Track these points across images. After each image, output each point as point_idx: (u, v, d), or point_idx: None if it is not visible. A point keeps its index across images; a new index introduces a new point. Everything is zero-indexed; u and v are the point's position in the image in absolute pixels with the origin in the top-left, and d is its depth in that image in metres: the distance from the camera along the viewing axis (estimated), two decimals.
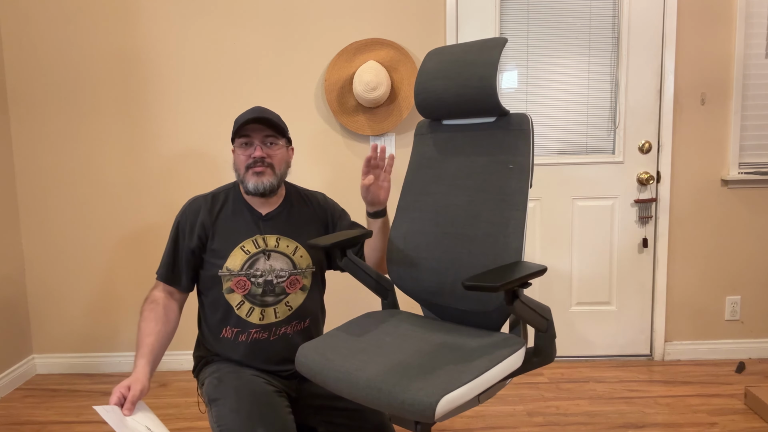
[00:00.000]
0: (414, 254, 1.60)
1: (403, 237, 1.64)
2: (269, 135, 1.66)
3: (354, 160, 2.85)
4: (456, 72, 1.53)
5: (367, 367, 1.26)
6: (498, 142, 1.51)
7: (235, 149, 1.68)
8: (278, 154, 1.68)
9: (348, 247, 1.64)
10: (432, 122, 1.69)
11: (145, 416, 1.40)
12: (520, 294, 1.26)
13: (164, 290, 1.68)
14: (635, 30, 2.79)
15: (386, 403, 1.17)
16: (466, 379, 1.17)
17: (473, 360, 1.24)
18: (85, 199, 2.87)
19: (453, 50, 1.58)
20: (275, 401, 1.52)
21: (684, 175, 2.86)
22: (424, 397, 1.12)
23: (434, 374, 1.19)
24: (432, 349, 1.32)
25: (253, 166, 1.63)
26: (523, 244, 1.41)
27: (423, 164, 1.66)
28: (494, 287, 1.16)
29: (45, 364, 2.96)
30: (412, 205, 1.64)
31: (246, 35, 2.78)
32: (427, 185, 1.63)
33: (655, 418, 2.36)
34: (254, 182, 1.64)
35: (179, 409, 2.51)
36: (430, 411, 1.10)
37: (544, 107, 2.85)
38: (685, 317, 2.94)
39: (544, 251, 2.93)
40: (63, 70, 2.79)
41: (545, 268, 1.29)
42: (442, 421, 1.26)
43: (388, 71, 2.74)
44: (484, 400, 1.32)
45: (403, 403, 1.13)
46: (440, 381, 1.16)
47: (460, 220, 1.51)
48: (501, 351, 1.29)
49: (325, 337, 1.48)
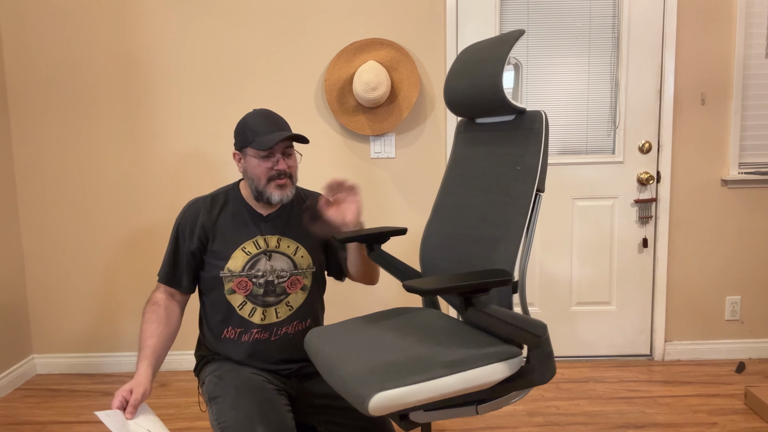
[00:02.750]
0: (436, 254, 1.60)
1: (431, 236, 1.65)
2: (288, 146, 1.67)
3: (354, 160, 2.85)
4: (472, 70, 1.50)
5: (347, 358, 1.30)
6: (511, 142, 1.47)
7: (250, 157, 1.65)
8: (295, 164, 1.69)
9: (376, 242, 1.69)
10: (467, 121, 1.66)
11: (147, 419, 1.40)
12: (475, 302, 1.22)
13: (165, 292, 1.68)
14: (635, 30, 2.79)
15: (346, 392, 1.22)
16: (409, 382, 1.17)
17: (435, 366, 1.22)
18: (85, 199, 2.87)
19: (475, 47, 1.54)
20: (275, 399, 1.53)
21: (684, 175, 2.86)
22: (363, 391, 1.16)
23: (391, 372, 1.20)
24: (417, 349, 1.31)
25: (277, 178, 1.63)
26: (523, 251, 1.37)
27: (453, 164, 1.66)
28: (421, 290, 1.14)
29: (45, 364, 2.96)
30: (441, 205, 1.65)
31: (246, 35, 2.78)
32: (453, 185, 1.62)
33: (655, 418, 2.36)
34: (279, 195, 1.64)
35: (179, 409, 2.52)
36: (366, 405, 1.14)
37: (544, 107, 2.85)
38: (685, 317, 2.95)
39: (544, 251, 2.93)
40: (63, 70, 2.79)
41: (499, 281, 1.22)
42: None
43: (388, 71, 2.74)
44: (483, 411, 1.32)
45: (353, 395, 1.19)
46: (384, 379, 1.17)
47: (473, 221, 1.50)
48: (475, 362, 1.24)
49: (336, 325, 1.53)
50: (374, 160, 2.85)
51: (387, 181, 2.86)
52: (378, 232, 1.68)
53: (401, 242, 2.89)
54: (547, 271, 2.94)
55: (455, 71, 1.57)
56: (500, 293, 1.38)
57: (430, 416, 1.29)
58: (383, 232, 1.68)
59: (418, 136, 2.84)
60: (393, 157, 2.84)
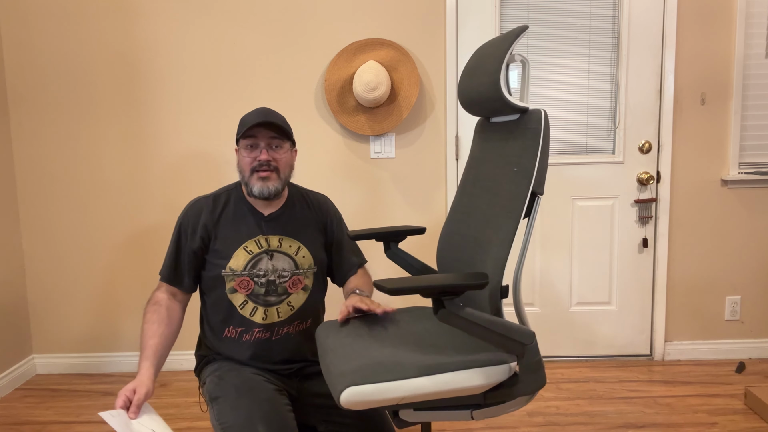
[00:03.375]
0: (450, 255, 1.60)
1: (446, 236, 1.64)
2: (275, 138, 1.66)
3: (354, 160, 2.85)
4: (479, 68, 1.47)
5: (339, 350, 1.34)
6: (512, 142, 1.43)
7: (240, 150, 1.68)
8: (283, 158, 1.67)
9: (393, 240, 1.72)
10: (483, 120, 1.63)
11: (151, 419, 1.40)
12: (447, 305, 1.18)
13: (167, 291, 1.68)
14: (635, 30, 2.79)
15: (328, 382, 1.28)
16: (380, 380, 1.19)
17: (410, 367, 1.22)
18: (85, 198, 2.86)
19: (485, 45, 1.51)
20: (276, 399, 1.53)
21: (684, 175, 2.87)
22: (338, 384, 1.20)
23: (368, 368, 1.22)
24: (407, 349, 1.32)
25: (259, 169, 1.63)
26: (520, 255, 1.35)
27: (470, 164, 1.64)
28: (386, 289, 1.15)
29: (45, 364, 2.95)
30: (456, 206, 1.64)
31: (246, 35, 2.78)
32: (467, 186, 1.61)
33: (655, 418, 2.36)
34: (259, 186, 1.64)
35: (180, 409, 2.51)
36: (337, 396, 1.19)
37: (544, 107, 2.85)
38: (685, 317, 2.95)
39: (544, 251, 2.93)
40: (63, 70, 2.79)
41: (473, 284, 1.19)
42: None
43: (388, 71, 2.74)
44: (479, 417, 1.31)
45: (330, 385, 1.25)
46: (359, 375, 1.20)
47: (480, 224, 1.48)
48: (450, 367, 1.23)
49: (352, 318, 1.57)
50: (374, 160, 2.85)
51: (387, 181, 2.86)
52: (395, 230, 1.68)
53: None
54: (547, 271, 2.94)
55: (466, 70, 1.55)
56: (479, 298, 1.35)
57: (421, 416, 1.30)
58: (401, 230, 1.69)
59: (418, 136, 2.84)
60: (393, 157, 2.85)
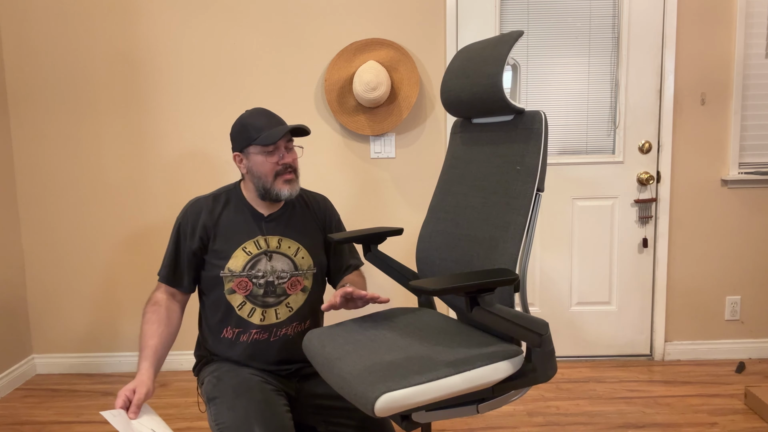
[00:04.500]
0: (435, 254, 1.60)
1: (429, 236, 1.64)
2: (289, 140, 1.68)
3: (354, 160, 2.85)
4: (472, 70, 1.49)
5: (347, 357, 1.31)
6: (511, 142, 1.47)
7: (254, 155, 1.65)
8: (296, 159, 1.70)
9: (373, 243, 1.71)
10: (463, 121, 1.66)
11: (151, 419, 1.41)
12: (480, 302, 1.22)
13: (166, 292, 1.69)
14: (635, 30, 2.79)
15: (348, 392, 1.22)
16: (415, 382, 1.17)
17: (439, 366, 1.22)
18: (85, 198, 2.86)
19: (474, 47, 1.55)
20: (273, 400, 1.53)
21: (684, 175, 2.86)
22: (369, 392, 1.16)
23: (395, 372, 1.20)
24: (418, 349, 1.32)
25: (284, 173, 1.64)
26: (523, 250, 1.37)
27: (452, 164, 1.65)
28: (434, 291, 1.14)
29: (45, 364, 2.96)
30: (439, 205, 1.64)
31: (246, 35, 2.78)
32: (453, 185, 1.62)
33: (655, 418, 2.36)
34: (288, 190, 1.65)
35: (179, 409, 2.52)
36: (371, 406, 1.14)
37: (544, 107, 2.85)
38: (685, 317, 2.95)
39: (544, 251, 2.93)
40: (63, 70, 2.79)
41: (504, 280, 1.21)
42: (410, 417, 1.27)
43: (388, 71, 2.74)
44: (484, 410, 1.32)
45: (356, 395, 1.19)
46: (391, 379, 1.18)
47: (475, 222, 1.49)
48: (478, 361, 1.25)
49: (335, 326, 1.54)
50: (374, 160, 2.85)
51: (387, 181, 2.86)
52: (374, 232, 1.68)
53: (400, 242, 2.89)
54: (547, 271, 2.94)
55: (453, 71, 1.57)
56: (502, 293, 1.38)
57: (432, 416, 1.29)
58: (379, 232, 1.69)
59: (418, 136, 2.84)
60: (393, 157, 2.85)
